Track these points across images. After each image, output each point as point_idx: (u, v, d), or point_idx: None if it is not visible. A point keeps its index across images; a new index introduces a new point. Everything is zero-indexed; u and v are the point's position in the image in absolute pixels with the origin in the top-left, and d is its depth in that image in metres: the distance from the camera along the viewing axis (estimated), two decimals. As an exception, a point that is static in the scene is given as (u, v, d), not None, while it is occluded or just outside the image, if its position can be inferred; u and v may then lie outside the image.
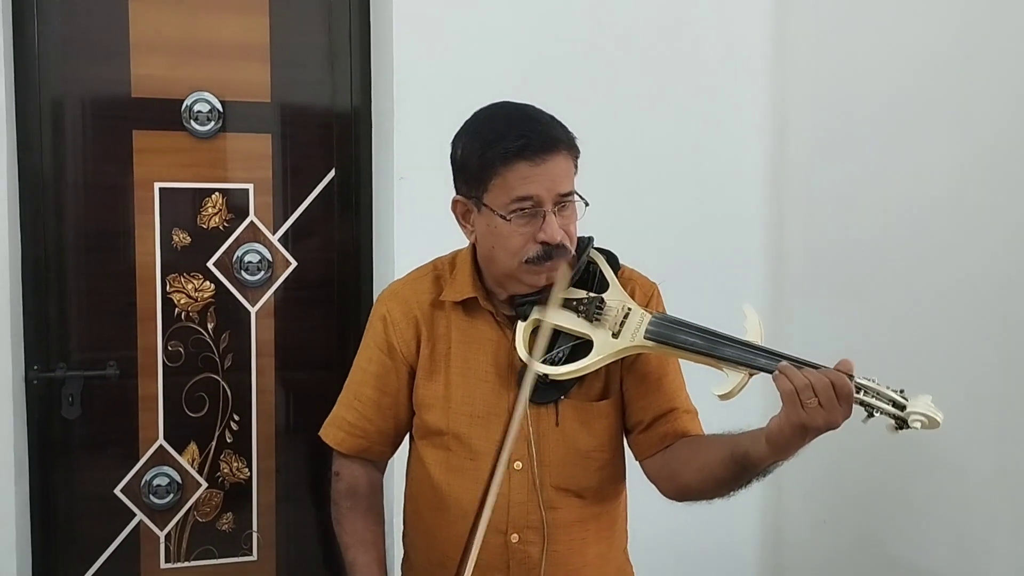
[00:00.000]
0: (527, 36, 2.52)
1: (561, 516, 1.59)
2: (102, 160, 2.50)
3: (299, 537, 2.70)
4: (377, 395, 1.67)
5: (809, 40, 2.64)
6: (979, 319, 2.10)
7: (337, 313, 2.69)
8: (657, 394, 1.62)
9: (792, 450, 1.37)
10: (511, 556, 1.59)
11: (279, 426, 2.67)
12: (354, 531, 1.64)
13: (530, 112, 1.53)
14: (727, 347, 1.45)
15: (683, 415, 1.62)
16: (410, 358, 1.64)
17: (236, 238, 2.60)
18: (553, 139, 1.48)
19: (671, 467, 1.58)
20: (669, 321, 1.51)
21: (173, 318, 2.57)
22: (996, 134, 2.06)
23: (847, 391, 1.31)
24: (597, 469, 1.62)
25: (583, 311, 1.54)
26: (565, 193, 1.50)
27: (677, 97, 2.64)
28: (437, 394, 1.62)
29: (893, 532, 2.35)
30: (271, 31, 2.58)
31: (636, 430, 1.64)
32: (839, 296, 2.52)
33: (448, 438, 1.61)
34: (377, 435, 1.69)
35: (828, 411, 1.31)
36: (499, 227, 1.50)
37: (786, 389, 1.33)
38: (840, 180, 2.52)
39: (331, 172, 2.65)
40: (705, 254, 2.66)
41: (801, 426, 1.32)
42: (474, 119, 1.57)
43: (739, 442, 1.45)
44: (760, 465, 1.42)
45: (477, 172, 1.50)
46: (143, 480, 2.58)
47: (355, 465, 1.70)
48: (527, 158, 1.46)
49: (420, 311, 1.64)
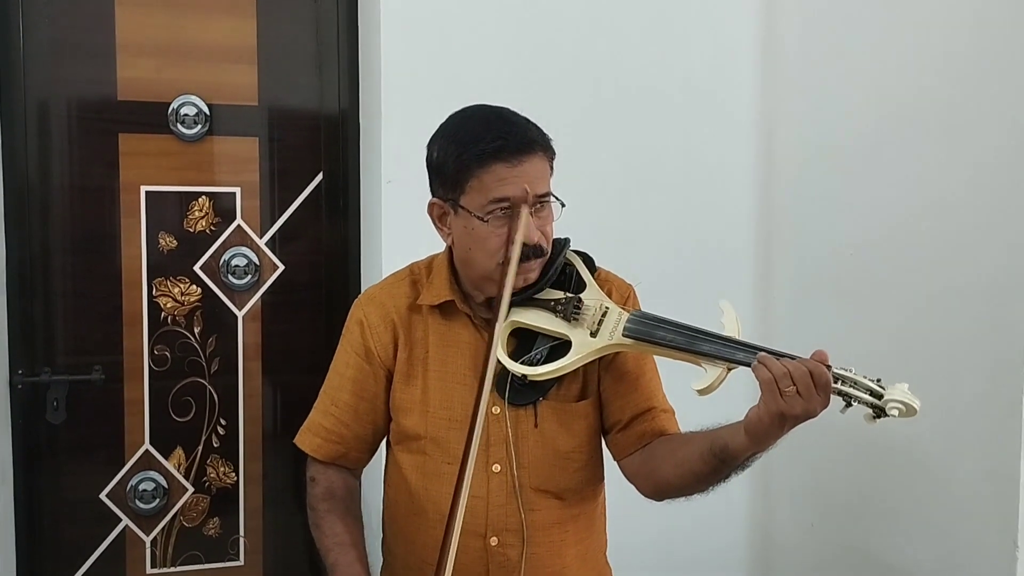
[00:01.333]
0: (515, 39, 2.51)
1: (540, 518, 1.60)
2: (88, 163, 2.49)
3: (286, 542, 2.69)
4: (354, 400, 1.66)
5: (798, 40, 2.64)
6: (967, 322, 2.10)
7: (324, 317, 2.68)
8: (635, 394, 1.63)
9: (770, 440, 1.38)
10: (490, 559, 1.59)
11: (266, 430, 2.66)
12: (334, 533, 1.63)
13: (506, 114, 1.54)
14: (705, 342, 1.46)
15: (661, 414, 1.64)
16: (387, 362, 1.65)
17: (223, 242, 2.59)
18: (529, 140, 1.50)
19: (649, 465, 1.59)
20: (647, 318, 1.52)
21: (159, 322, 2.56)
22: (987, 138, 2.07)
23: (824, 379, 1.33)
24: (576, 470, 1.63)
25: (561, 311, 1.55)
26: (542, 194, 1.51)
27: (665, 98, 2.64)
28: (415, 398, 1.62)
29: (880, 536, 2.35)
30: (258, 34, 2.58)
31: (614, 430, 1.64)
32: (827, 299, 2.52)
33: (426, 442, 1.61)
34: (354, 441, 1.68)
35: (806, 399, 1.32)
36: (476, 229, 1.51)
37: (765, 378, 1.34)
38: (829, 182, 2.53)
39: (318, 176, 2.65)
40: (693, 257, 2.66)
41: (780, 414, 1.33)
42: (449, 122, 1.57)
43: (717, 435, 1.46)
44: (739, 457, 1.42)
45: (453, 174, 1.51)
46: (129, 485, 2.57)
47: (331, 471, 1.70)
48: (504, 159, 1.47)
49: (397, 315, 1.64)
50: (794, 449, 2.63)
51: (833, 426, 1.40)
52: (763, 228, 2.76)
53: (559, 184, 1.59)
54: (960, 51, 2.14)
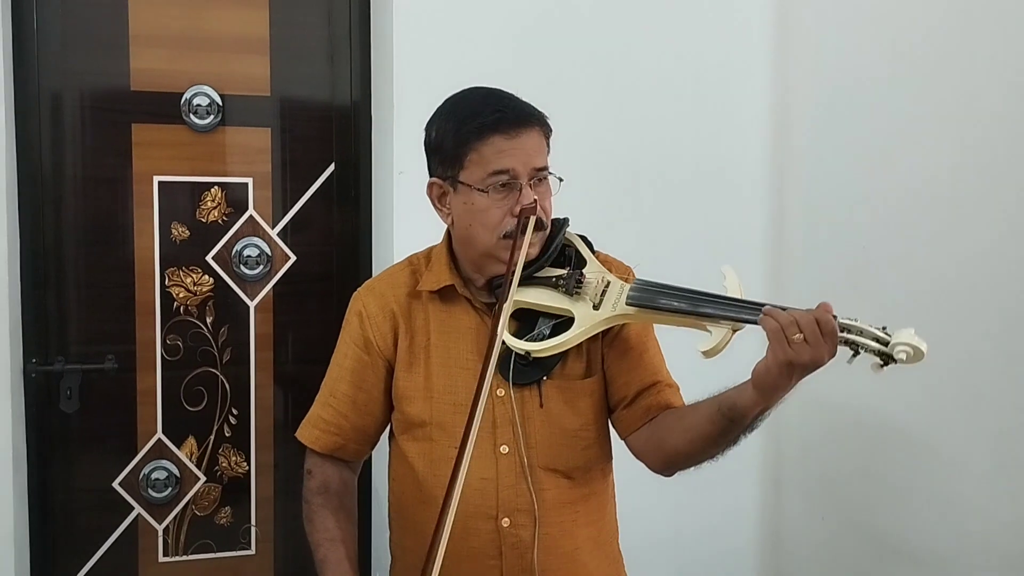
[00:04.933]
0: (527, 30, 2.51)
1: (550, 497, 1.60)
2: (101, 154, 2.50)
3: (297, 531, 2.67)
4: (353, 391, 1.67)
5: (812, 31, 2.64)
6: (977, 308, 2.10)
7: (336, 307, 2.68)
8: (639, 369, 1.63)
9: (779, 392, 1.37)
10: (503, 541, 1.59)
11: (277, 420, 2.67)
12: (325, 528, 1.65)
13: (501, 92, 1.57)
14: (709, 304, 1.45)
15: (666, 388, 1.64)
16: (387, 352, 1.65)
17: (235, 232, 2.59)
18: (526, 114, 1.54)
19: (657, 436, 1.59)
20: (650, 286, 1.52)
21: (172, 312, 2.57)
22: (992, 127, 2.06)
23: (831, 327, 1.33)
24: (583, 448, 1.63)
25: (563, 286, 1.55)
26: (540, 167, 1.54)
27: (677, 91, 2.63)
28: (418, 385, 1.63)
29: (891, 526, 2.35)
30: (271, 24, 2.58)
31: (620, 406, 1.65)
32: (840, 293, 2.51)
33: (431, 428, 1.61)
34: (352, 432, 1.69)
35: (813, 347, 1.32)
36: (476, 202, 1.53)
37: (772, 327, 1.34)
38: (842, 175, 2.52)
39: (330, 166, 2.65)
40: (704, 250, 2.65)
41: (788, 363, 1.33)
42: (446, 102, 1.61)
43: (725, 396, 1.46)
44: (748, 415, 1.42)
45: (453, 150, 1.53)
46: (141, 474, 2.58)
47: (328, 464, 1.72)
48: (502, 131, 1.50)
49: (397, 304, 1.65)
50: (804, 441, 2.64)
51: (842, 417, 1.40)
52: (775, 222, 2.75)
53: (570, 174, 1.60)
54: (978, 45, 2.13)
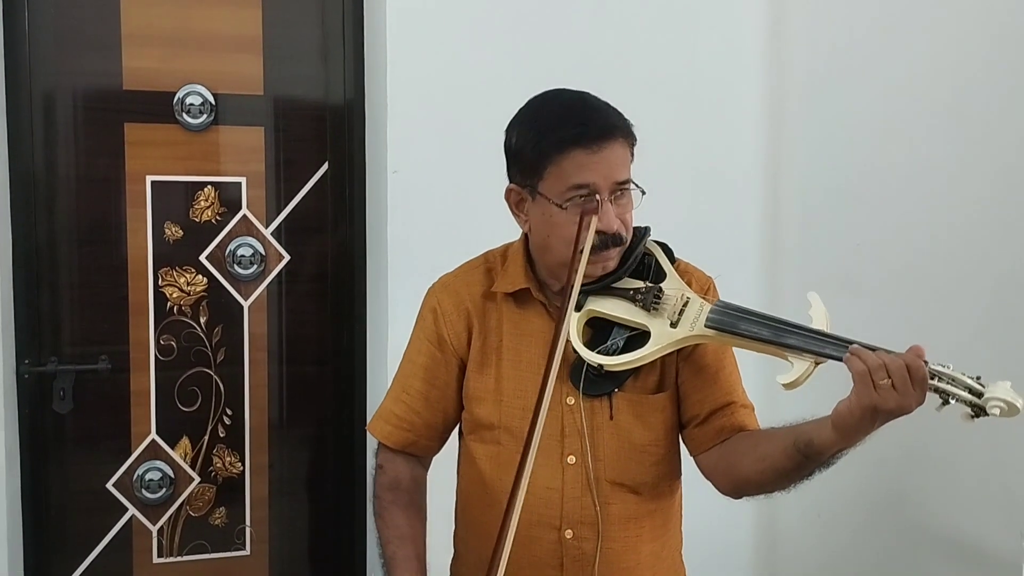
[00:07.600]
0: (521, 29, 2.50)
1: (615, 512, 1.56)
2: (94, 153, 2.49)
3: (292, 531, 2.69)
4: (426, 387, 1.65)
5: (807, 30, 2.63)
6: (977, 315, 2.10)
7: (330, 307, 2.68)
8: (714, 387, 1.58)
9: (860, 435, 1.33)
10: (565, 552, 1.56)
11: (272, 420, 2.66)
12: (395, 525, 1.61)
13: (586, 99, 1.51)
14: (792, 335, 1.41)
15: (740, 409, 1.59)
16: (461, 350, 1.62)
17: (229, 232, 2.59)
18: (610, 126, 1.47)
19: (728, 460, 1.54)
20: (731, 309, 1.48)
21: (165, 312, 2.56)
22: (1000, 132, 2.06)
23: (922, 374, 1.28)
24: (652, 464, 1.58)
25: (640, 301, 1.51)
26: (622, 181, 1.48)
27: (672, 90, 2.62)
28: (488, 387, 1.60)
29: (888, 527, 2.35)
30: (264, 23, 2.57)
31: (692, 424, 1.60)
32: (835, 295, 2.50)
33: (499, 432, 1.58)
34: (424, 428, 1.66)
35: (901, 394, 1.27)
36: (554, 216, 1.48)
37: (859, 369, 1.29)
38: (837, 177, 2.52)
39: (324, 166, 2.64)
40: (699, 252, 2.62)
41: (872, 408, 1.28)
42: (528, 107, 1.55)
43: (802, 430, 1.41)
44: (825, 453, 1.38)
45: (532, 160, 1.48)
46: (135, 475, 2.57)
47: (399, 459, 1.68)
48: (584, 146, 1.44)
49: (472, 303, 1.62)
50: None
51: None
52: (769, 220, 2.75)
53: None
54: (972, 43, 2.13)
